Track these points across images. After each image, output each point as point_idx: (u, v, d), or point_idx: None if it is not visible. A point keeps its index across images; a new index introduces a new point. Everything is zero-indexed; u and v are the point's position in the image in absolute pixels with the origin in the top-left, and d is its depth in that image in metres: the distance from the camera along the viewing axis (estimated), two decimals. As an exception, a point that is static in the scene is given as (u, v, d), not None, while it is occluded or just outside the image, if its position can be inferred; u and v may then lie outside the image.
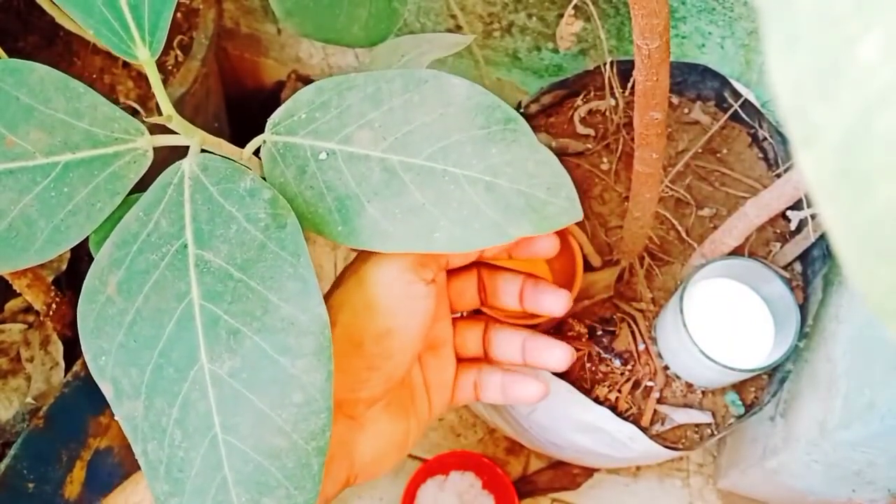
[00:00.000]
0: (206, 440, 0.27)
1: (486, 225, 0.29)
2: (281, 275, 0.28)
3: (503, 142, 0.30)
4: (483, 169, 0.30)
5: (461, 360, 0.40)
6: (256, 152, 0.32)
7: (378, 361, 0.33)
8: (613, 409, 0.57)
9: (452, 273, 0.38)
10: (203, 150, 0.31)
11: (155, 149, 0.31)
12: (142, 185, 0.31)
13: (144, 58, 0.31)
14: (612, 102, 0.65)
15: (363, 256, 0.34)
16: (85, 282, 0.29)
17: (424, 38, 0.40)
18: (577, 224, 0.60)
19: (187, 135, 0.31)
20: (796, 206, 0.56)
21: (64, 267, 0.67)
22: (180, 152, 0.31)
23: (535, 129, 0.64)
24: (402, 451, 0.37)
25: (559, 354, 0.38)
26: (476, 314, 0.50)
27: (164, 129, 0.32)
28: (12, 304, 0.68)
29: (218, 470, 0.27)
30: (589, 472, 0.83)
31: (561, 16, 0.65)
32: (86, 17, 0.31)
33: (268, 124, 0.31)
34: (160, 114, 0.31)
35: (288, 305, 0.28)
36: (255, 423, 0.27)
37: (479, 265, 0.39)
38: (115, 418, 0.28)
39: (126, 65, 0.74)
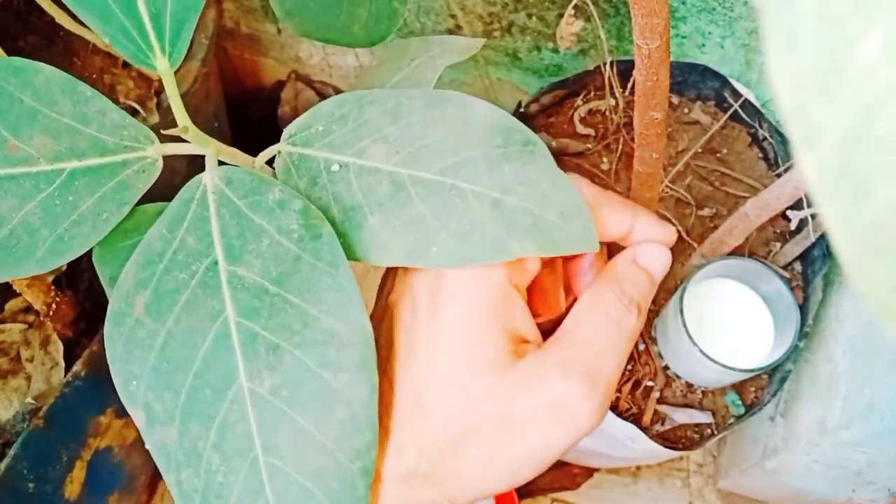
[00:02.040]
0: (246, 463, 0.26)
1: (486, 239, 0.28)
2: (319, 286, 0.27)
3: (518, 161, 0.28)
4: (492, 185, 0.28)
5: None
6: (269, 162, 0.31)
7: None
8: (613, 409, 0.57)
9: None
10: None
11: (164, 158, 0.30)
12: (149, 196, 0.30)
13: (163, 69, 0.30)
14: (612, 102, 0.65)
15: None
16: (109, 305, 0.28)
17: (433, 42, 0.39)
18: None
19: (202, 146, 0.30)
20: (796, 206, 0.56)
21: (64, 267, 0.67)
22: (189, 161, 0.30)
23: (536, 128, 0.64)
24: None
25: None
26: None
27: (174, 137, 0.31)
28: (12, 304, 0.68)
29: (259, 494, 0.26)
30: (589, 472, 0.83)
31: (561, 16, 0.65)
32: (103, 25, 0.29)
33: (284, 134, 0.31)
34: (161, 115, 0.30)
35: (328, 317, 0.26)
36: (298, 442, 0.26)
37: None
38: (146, 447, 0.26)
39: (126, 65, 0.74)
